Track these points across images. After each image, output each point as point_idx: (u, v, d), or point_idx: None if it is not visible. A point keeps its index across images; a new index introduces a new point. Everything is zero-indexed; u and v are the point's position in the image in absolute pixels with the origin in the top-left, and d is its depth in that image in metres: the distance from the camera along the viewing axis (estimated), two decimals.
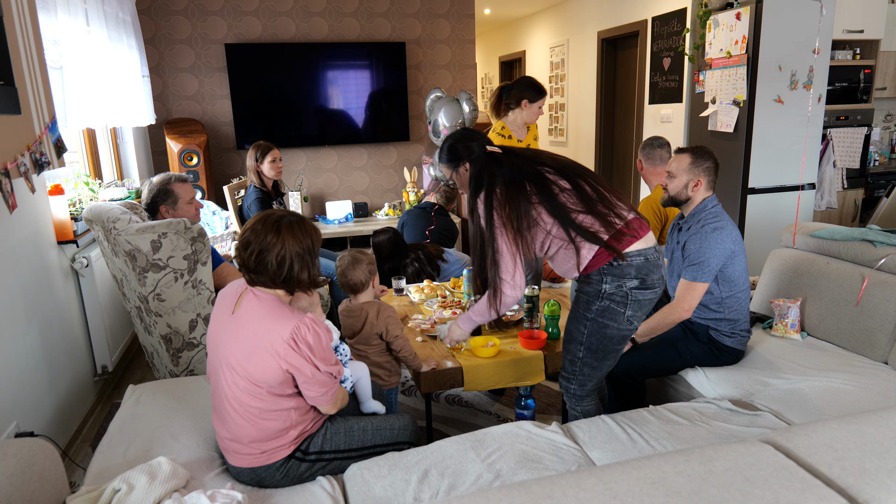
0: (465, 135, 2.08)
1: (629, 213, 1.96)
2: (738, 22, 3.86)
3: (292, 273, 1.60)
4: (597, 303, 1.95)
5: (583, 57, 6.25)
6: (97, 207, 2.42)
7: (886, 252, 2.39)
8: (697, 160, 2.36)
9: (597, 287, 1.94)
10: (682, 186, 2.38)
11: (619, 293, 1.92)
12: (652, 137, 3.06)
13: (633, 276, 1.91)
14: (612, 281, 1.91)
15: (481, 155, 2.00)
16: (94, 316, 2.89)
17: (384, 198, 5.44)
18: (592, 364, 2.04)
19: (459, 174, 2.07)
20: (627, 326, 1.98)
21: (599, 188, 1.94)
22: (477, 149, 2.02)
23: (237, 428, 1.63)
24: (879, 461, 1.15)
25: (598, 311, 1.95)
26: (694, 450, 1.20)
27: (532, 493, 1.07)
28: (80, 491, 1.49)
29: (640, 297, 1.94)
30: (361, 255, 2.28)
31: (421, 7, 5.16)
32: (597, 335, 1.99)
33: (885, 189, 4.86)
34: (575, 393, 2.10)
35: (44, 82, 2.37)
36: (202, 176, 4.41)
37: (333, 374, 1.64)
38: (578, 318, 2.01)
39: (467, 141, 2.04)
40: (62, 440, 2.47)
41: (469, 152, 2.02)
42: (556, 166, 1.96)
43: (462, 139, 2.06)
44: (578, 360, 2.05)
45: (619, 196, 1.98)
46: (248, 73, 4.76)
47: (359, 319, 2.23)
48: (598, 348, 2.01)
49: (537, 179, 1.90)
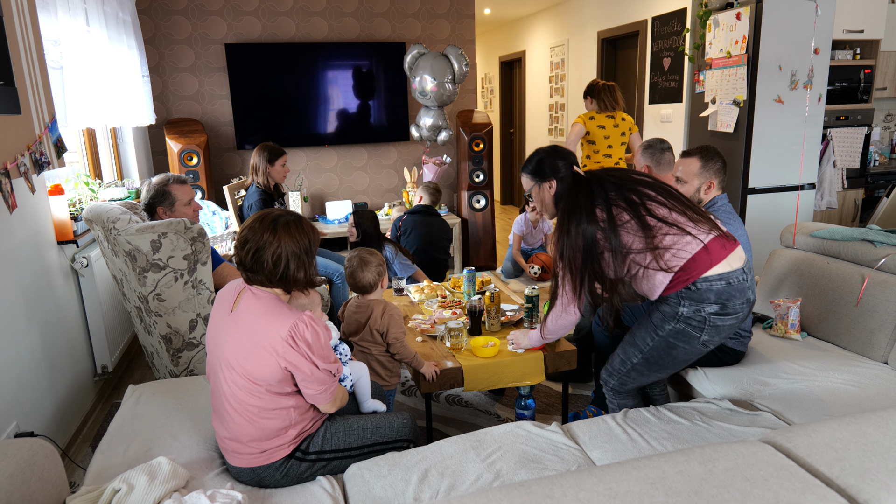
0: (555, 152, 2.06)
1: (709, 234, 1.89)
2: (738, 22, 3.86)
3: (288, 272, 1.60)
4: (671, 324, 1.91)
5: (583, 57, 6.25)
6: (97, 207, 2.42)
7: (886, 252, 2.39)
8: (707, 163, 2.36)
9: (674, 309, 1.90)
10: (694, 190, 2.38)
11: (696, 317, 1.87)
12: (653, 140, 2.92)
13: (712, 301, 1.86)
14: (689, 305, 1.87)
15: (568, 175, 2.00)
16: (94, 316, 2.89)
17: (384, 198, 5.44)
18: (643, 371, 2.02)
19: (542, 190, 2.07)
20: (700, 349, 1.94)
21: (681, 208, 1.91)
22: (564, 168, 2.01)
23: (236, 427, 1.63)
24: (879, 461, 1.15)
25: (672, 331, 1.91)
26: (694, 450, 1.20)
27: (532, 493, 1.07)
28: (80, 491, 1.49)
29: (719, 323, 1.89)
30: (371, 255, 2.29)
31: (421, 7, 5.16)
32: (661, 350, 1.95)
33: (885, 189, 4.86)
34: (614, 388, 2.12)
35: (44, 82, 2.37)
36: (202, 176, 4.40)
37: (332, 371, 1.64)
38: (647, 329, 1.97)
39: (556, 158, 2.03)
40: (62, 440, 2.47)
41: (556, 171, 2.02)
42: (638, 188, 1.92)
43: (552, 155, 2.05)
44: (630, 364, 2.03)
45: (700, 213, 1.93)
46: (248, 73, 4.76)
47: (364, 315, 2.24)
48: (656, 361, 1.98)
49: (620, 201, 1.88)
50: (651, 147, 2.86)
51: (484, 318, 2.57)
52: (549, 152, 2.07)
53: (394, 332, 2.22)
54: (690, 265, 1.84)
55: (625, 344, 2.05)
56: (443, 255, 3.95)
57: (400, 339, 2.22)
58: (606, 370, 2.13)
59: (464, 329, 2.43)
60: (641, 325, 2.01)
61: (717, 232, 1.91)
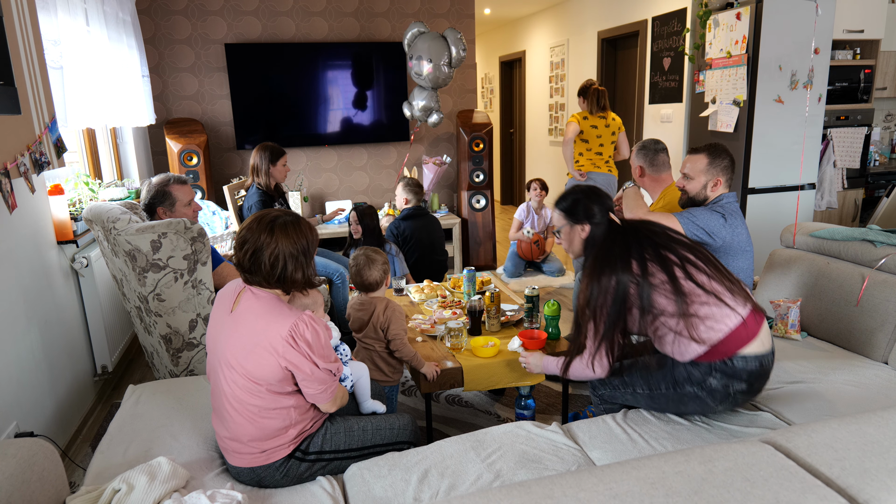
0: (593, 194, 1.98)
1: (746, 306, 1.81)
2: (738, 22, 3.86)
3: (286, 273, 1.59)
4: (694, 388, 1.82)
5: (583, 57, 6.25)
6: (97, 207, 2.42)
7: (886, 252, 2.39)
8: (714, 160, 2.36)
9: (703, 378, 1.80)
10: (700, 187, 2.38)
11: (722, 391, 1.79)
12: (648, 141, 2.87)
13: (743, 378, 1.79)
14: (720, 378, 1.79)
15: (603, 222, 1.93)
16: (94, 316, 2.89)
17: (384, 198, 5.44)
18: (640, 401, 1.95)
19: (573, 231, 1.99)
20: (709, 412, 1.88)
21: (719, 276, 1.81)
22: (599, 214, 1.94)
23: (237, 427, 1.63)
24: (879, 461, 1.15)
25: (691, 394, 1.83)
26: (694, 450, 1.20)
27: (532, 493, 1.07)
28: (80, 491, 1.49)
29: (741, 399, 1.83)
30: (377, 254, 2.30)
31: (421, 7, 5.16)
32: (670, 400, 1.88)
33: (886, 189, 4.86)
34: (602, 396, 2.07)
35: (44, 82, 2.37)
36: (202, 176, 4.41)
37: (332, 371, 1.64)
38: (666, 376, 1.87)
39: (593, 202, 1.95)
40: (62, 440, 2.47)
41: (591, 216, 1.95)
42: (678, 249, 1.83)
43: (589, 197, 1.97)
44: (631, 390, 1.95)
45: (735, 282, 1.85)
46: (248, 73, 4.76)
47: (367, 312, 2.25)
48: (659, 404, 1.91)
49: (656, 260, 1.79)
50: (645, 148, 2.84)
51: (484, 318, 2.57)
52: (587, 194, 1.98)
53: (394, 328, 2.23)
54: (728, 339, 1.76)
55: (636, 376, 1.95)
56: (443, 257, 3.94)
57: (400, 336, 2.23)
58: (600, 383, 2.05)
59: (464, 329, 2.43)
60: (661, 364, 1.90)
61: (752, 303, 1.83)
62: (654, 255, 1.80)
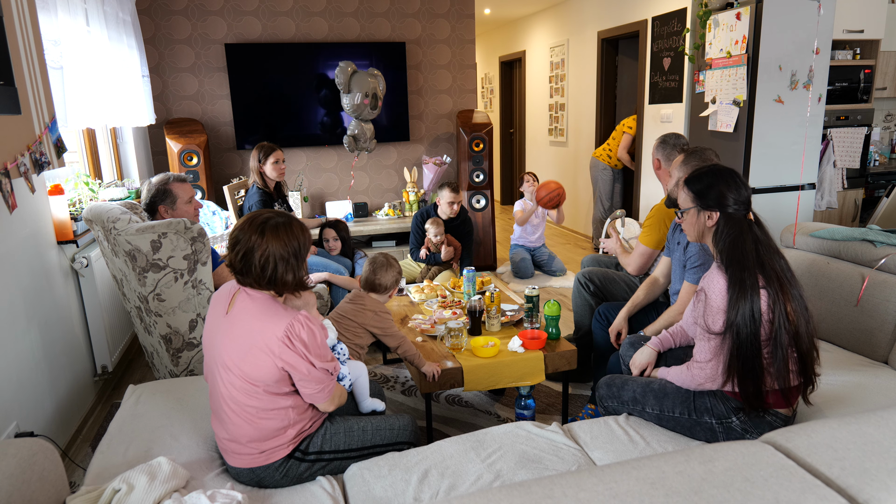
0: (731, 179, 1.78)
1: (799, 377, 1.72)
2: (738, 22, 3.86)
3: (276, 275, 1.59)
4: (713, 420, 1.76)
5: (583, 57, 6.25)
6: (97, 207, 2.42)
7: (886, 252, 2.39)
8: (689, 158, 2.34)
9: (727, 414, 1.74)
10: (674, 184, 2.37)
11: (738, 433, 1.74)
12: (669, 135, 2.81)
13: (763, 431, 1.73)
14: (744, 423, 1.74)
15: (737, 215, 1.75)
16: (94, 316, 2.89)
17: (384, 198, 5.44)
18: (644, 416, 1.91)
19: (700, 217, 1.82)
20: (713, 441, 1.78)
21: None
22: (733, 204, 1.76)
23: (235, 428, 1.63)
24: (879, 461, 1.15)
25: (706, 425, 1.78)
26: (694, 450, 1.20)
27: (532, 493, 1.07)
28: (80, 491, 1.49)
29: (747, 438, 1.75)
30: (394, 261, 2.32)
31: (421, 7, 5.16)
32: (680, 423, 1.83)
33: (886, 189, 4.86)
34: (607, 407, 2.04)
35: (44, 82, 2.37)
36: (202, 176, 4.40)
37: (329, 370, 1.63)
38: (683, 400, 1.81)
39: (730, 189, 1.76)
40: (62, 440, 2.47)
41: (724, 204, 1.76)
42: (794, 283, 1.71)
43: (727, 181, 1.77)
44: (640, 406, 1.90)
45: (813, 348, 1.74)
46: (248, 73, 4.76)
47: (359, 307, 2.24)
48: (667, 423, 1.87)
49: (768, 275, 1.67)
50: (665, 143, 2.78)
51: (484, 318, 2.57)
52: (724, 178, 1.78)
53: (391, 329, 2.24)
54: (776, 393, 1.69)
55: (648, 386, 1.89)
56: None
57: (399, 335, 2.24)
58: (610, 390, 1.99)
59: (464, 329, 2.43)
60: (680, 389, 1.84)
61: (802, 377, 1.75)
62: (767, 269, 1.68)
